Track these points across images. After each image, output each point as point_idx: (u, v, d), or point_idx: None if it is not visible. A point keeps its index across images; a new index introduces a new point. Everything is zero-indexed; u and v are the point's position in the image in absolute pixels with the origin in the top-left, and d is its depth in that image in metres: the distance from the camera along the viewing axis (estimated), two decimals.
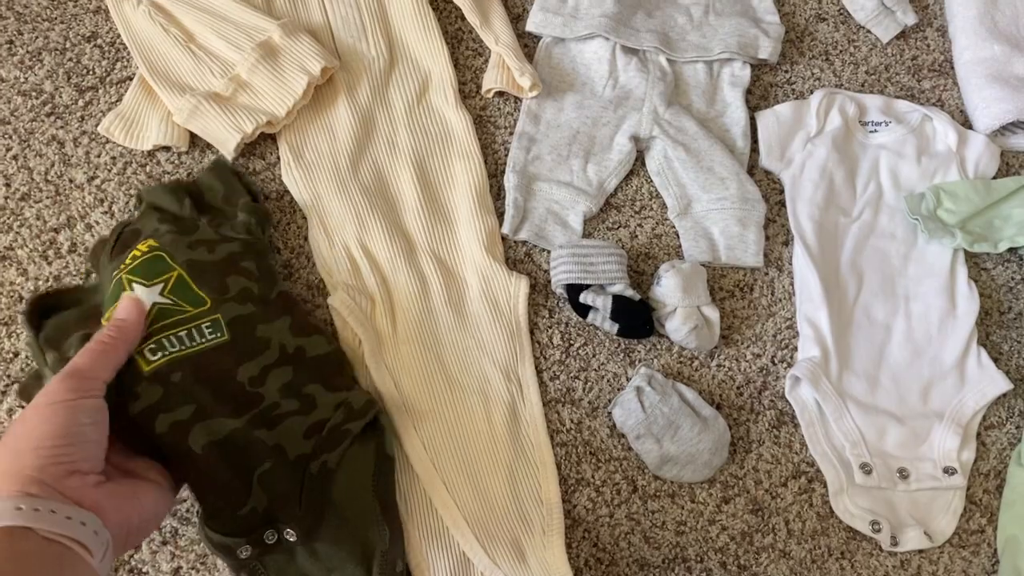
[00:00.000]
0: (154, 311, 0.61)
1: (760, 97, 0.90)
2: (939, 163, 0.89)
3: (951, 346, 0.82)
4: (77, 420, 0.50)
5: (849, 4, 0.95)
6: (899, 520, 0.77)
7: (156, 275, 0.63)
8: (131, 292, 0.61)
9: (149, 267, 0.64)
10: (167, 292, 0.62)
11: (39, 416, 0.50)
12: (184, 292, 0.63)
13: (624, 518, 0.75)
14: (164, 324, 0.61)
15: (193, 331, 0.62)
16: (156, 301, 0.62)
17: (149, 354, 0.60)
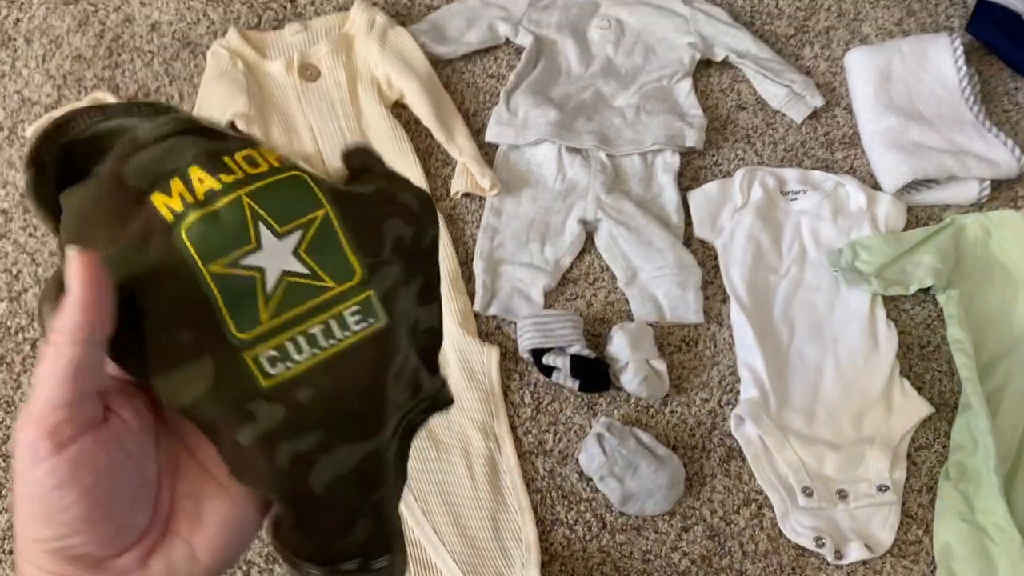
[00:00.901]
0: (280, 289, 0.35)
1: (692, 179, 1.05)
2: (853, 221, 1.01)
3: (876, 379, 0.93)
4: (60, 499, 0.29)
5: (763, 93, 1.10)
6: (842, 535, 0.86)
7: (292, 214, 0.35)
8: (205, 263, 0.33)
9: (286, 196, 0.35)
10: (303, 249, 0.35)
11: (18, 490, 0.30)
12: (328, 251, 0.36)
13: (596, 551, 0.85)
14: (294, 315, 0.35)
15: (332, 323, 0.36)
16: (285, 269, 0.35)
17: (268, 364, 0.34)
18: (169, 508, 0.34)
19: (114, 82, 1.06)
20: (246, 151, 0.35)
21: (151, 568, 0.32)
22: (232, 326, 0.33)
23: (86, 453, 0.29)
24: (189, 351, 0.32)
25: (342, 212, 0.35)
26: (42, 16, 1.10)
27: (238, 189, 0.33)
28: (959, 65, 1.08)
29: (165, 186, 0.33)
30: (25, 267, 0.95)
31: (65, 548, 0.30)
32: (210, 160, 0.33)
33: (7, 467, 0.86)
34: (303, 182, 0.35)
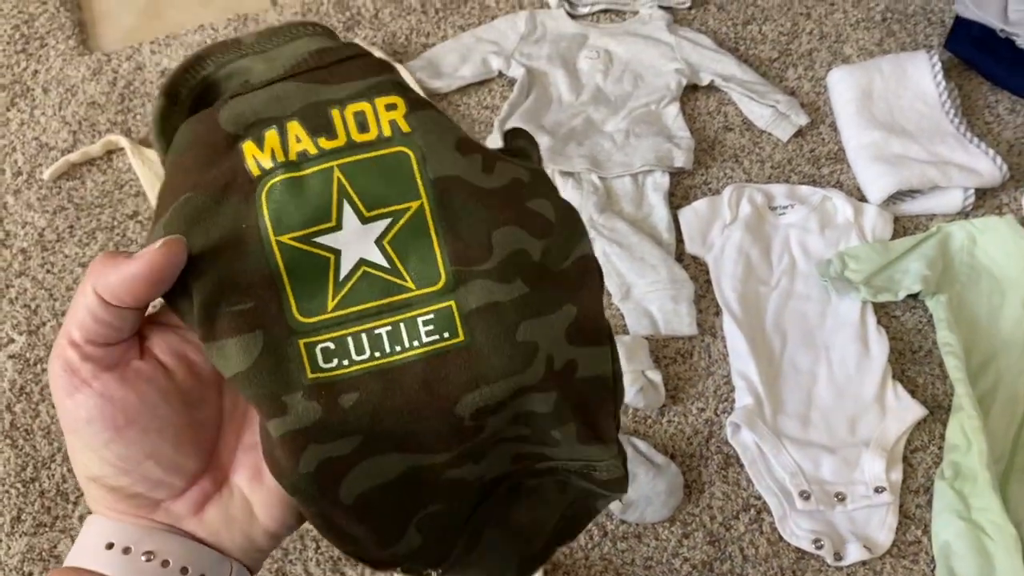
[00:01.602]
0: (355, 279, 0.31)
1: (682, 197, 1.08)
2: (840, 233, 1.04)
3: (869, 383, 0.95)
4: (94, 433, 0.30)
5: (749, 114, 1.14)
6: (840, 537, 0.87)
7: (384, 199, 0.31)
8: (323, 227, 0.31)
9: (382, 176, 0.31)
10: (388, 240, 0.31)
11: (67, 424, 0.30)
12: (415, 248, 0.31)
13: (598, 559, 0.86)
14: (361, 309, 0.31)
15: (402, 328, 0.31)
16: (366, 259, 0.31)
17: (321, 357, 0.31)
18: (231, 458, 0.33)
19: (126, 126, 1.11)
20: (360, 105, 0.31)
21: (206, 515, 0.32)
22: (294, 306, 0.30)
23: (112, 391, 0.29)
24: (241, 322, 0.30)
25: (443, 206, 0.31)
26: (59, 67, 1.16)
27: (333, 159, 0.30)
28: (938, 80, 1.12)
29: (259, 136, 0.30)
30: (43, 302, 0.99)
31: (118, 487, 0.31)
32: (314, 116, 0.30)
33: (26, 492, 0.89)
34: (406, 163, 0.31)
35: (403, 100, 0.31)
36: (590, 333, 0.33)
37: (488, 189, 0.31)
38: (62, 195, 1.07)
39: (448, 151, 0.31)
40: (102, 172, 1.08)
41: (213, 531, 0.32)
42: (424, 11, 1.22)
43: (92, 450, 0.30)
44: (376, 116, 0.30)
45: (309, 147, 0.30)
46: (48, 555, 0.86)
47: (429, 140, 0.31)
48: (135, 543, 0.31)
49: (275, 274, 0.30)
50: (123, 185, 1.07)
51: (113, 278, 0.29)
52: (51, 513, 0.88)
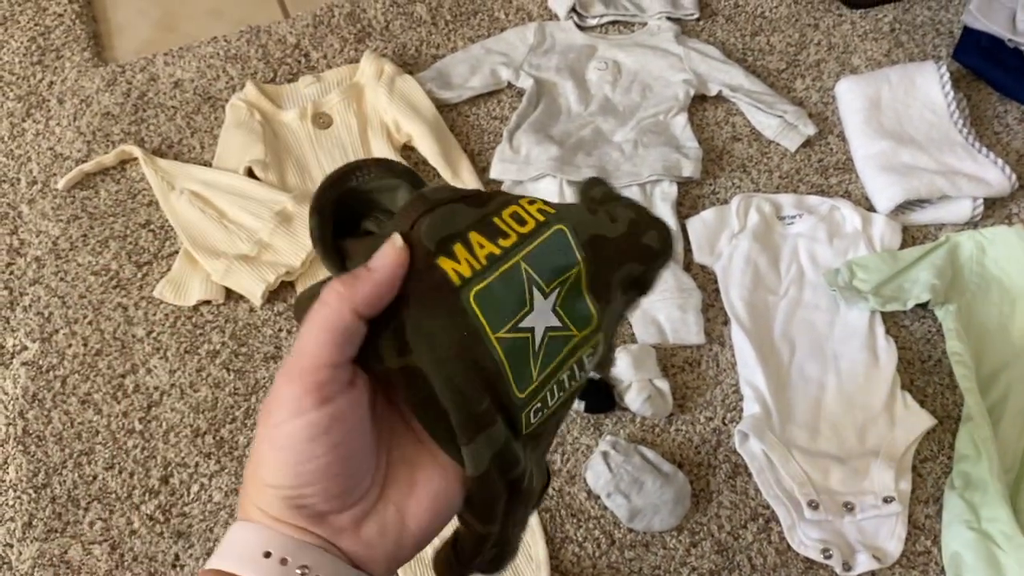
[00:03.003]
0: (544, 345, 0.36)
1: (690, 207, 1.08)
2: (849, 243, 1.04)
3: (878, 393, 0.95)
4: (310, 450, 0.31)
5: (757, 124, 1.14)
6: (849, 547, 0.87)
7: (556, 273, 0.37)
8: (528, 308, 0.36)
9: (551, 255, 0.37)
10: (559, 304, 0.37)
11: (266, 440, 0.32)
12: (574, 301, 0.37)
13: (606, 567, 0.86)
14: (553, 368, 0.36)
15: (576, 368, 0.38)
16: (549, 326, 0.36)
17: (533, 416, 0.37)
18: (385, 474, 0.35)
19: (139, 136, 1.13)
20: (511, 208, 0.37)
21: (364, 529, 0.34)
22: (515, 388, 0.35)
23: (342, 411, 0.32)
24: (487, 418, 0.34)
25: (592, 262, 0.38)
26: (74, 78, 1.18)
27: (515, 254, 0.36)
28: (946, 91, 1.12)
29: (450, 251, 0.34)
30: (56, 310, 1.00)
31: (298, 497, 0.32)
32: (484, 225, 0.36)
33: (37, 498, 0.90)
34: (565, 237, 0.37)
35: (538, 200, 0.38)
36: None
37: (615, 237, 0.39)
38: (76, 204, 1.08)
39: (584, 215, 0.38)
40: (115, 182, 1.10)
41: (368, 543, 0.34)
42: (434, 23, 1.23)
43: (293, 464, 0.32)
44: (527, 211, 0.37)
45: (493, 249, 0.35)
46: (59, 560, 0.86)
47: (570, 213, 0.38)
48: (292, 555, 0.32)
49: (500, 366, 0.34)
50: (136, 195, 1.08)
51: (366, 289, 0.32)
52: (62, 519, 0.88)
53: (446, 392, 0.33)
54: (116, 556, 0.87)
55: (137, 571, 0.86)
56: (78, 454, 0.92)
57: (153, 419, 0.94)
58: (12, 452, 0.92)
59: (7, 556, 0.87)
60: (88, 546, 0.87)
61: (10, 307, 1.01)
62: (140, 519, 0.89)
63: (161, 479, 0.91)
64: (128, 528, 0.88)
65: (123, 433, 0.93)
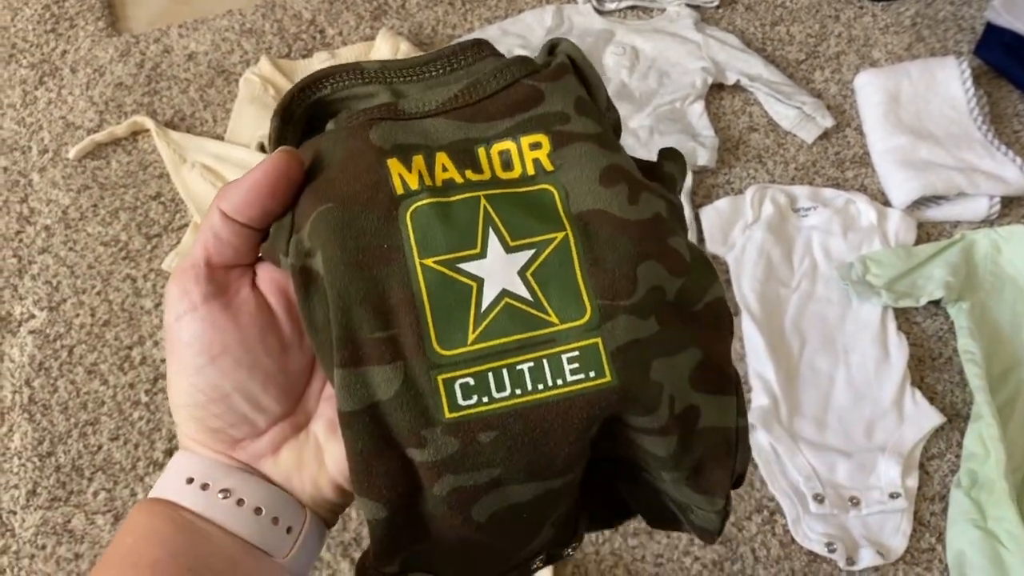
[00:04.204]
0: (496, 313, 0.30)
1: (704, 196, 1.07)
2: (863, 237, 1.03)
3: (888, 389, 0.94)
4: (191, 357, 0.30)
5: (774, 115, 1.13)
6: (853, 542, 0.87)
7: (528, 230, 0.30)
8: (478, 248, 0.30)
9: (525, 210, 0.31)
10: (531, 271, 0.30)
11: (166, 349, 0.32)
12: (558, 280, 0.30)
13: (608, 554, 0.86)
14: (503, 343, 0.29)
15: (545, 365, 0.30)
16: (508, 291, 0.30)
17: (460, 394, 0.29)
18: (315, 406, 0.33)
19: (152, 108, 1.12)
20: (505, 143, 0.31)
21: (281, 456, 0.32)
22: (434, 336, 0.29)
23: (213, 317, 0.30)
24: (381, 351, 0.28)
25: (588, 238, 0.30)
26: (87, 48, 1.17)
27: (478, 190, 0.30)
28: (967, 87, 1.11)
29: (407, 157, 0.30)
30: (64, 279, 1.00)
31: (201, 417, 0.31)
32: (461, 151, 0.31)
33: (42, 466, 0.90)
34: (550, 200, 0.30)
35: (548, 137, 0.31)
36: (715, 380, 0.31)
37: (633, 221, 0.30)
38: (87, 174, 1.07)
39: (592, 184, 0.30)
40: (127, 153, 1.09)
41: (285, 473, 0.32)
42: (451, 2, 1.22)
43: (185, 376, 0.31)
44: (520, 154, 0.31)
45: (456, 176, 0.30)
46: (62, 529, 0.86)
47: (571, 176, 0.30)
48: (213, 480, 0.31)
49: (417, 299, 0.28)
50: (147, 166, 1.08)
51: (235, 192, 0.30)
52: (66, 488, 0.88)
53: (332, 297, 0.28)
54: (119, 526, 0.86)
55: None
56: (83, 424, 0.92)
57: (159, 391, 0.94)
58: (18, 420, 0.92)
59: (10, 523, 0.87)
60: (91, 516, 0.87)
61: (18, 275, 1.01)
62: (144, 490, 0.89)
63: (166, 452, 0.91)
64: (132, 499, 0.88)
65: (129, 405, 0.93)
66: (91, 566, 0.84)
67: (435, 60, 0.33)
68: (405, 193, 0.29)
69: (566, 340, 0.29)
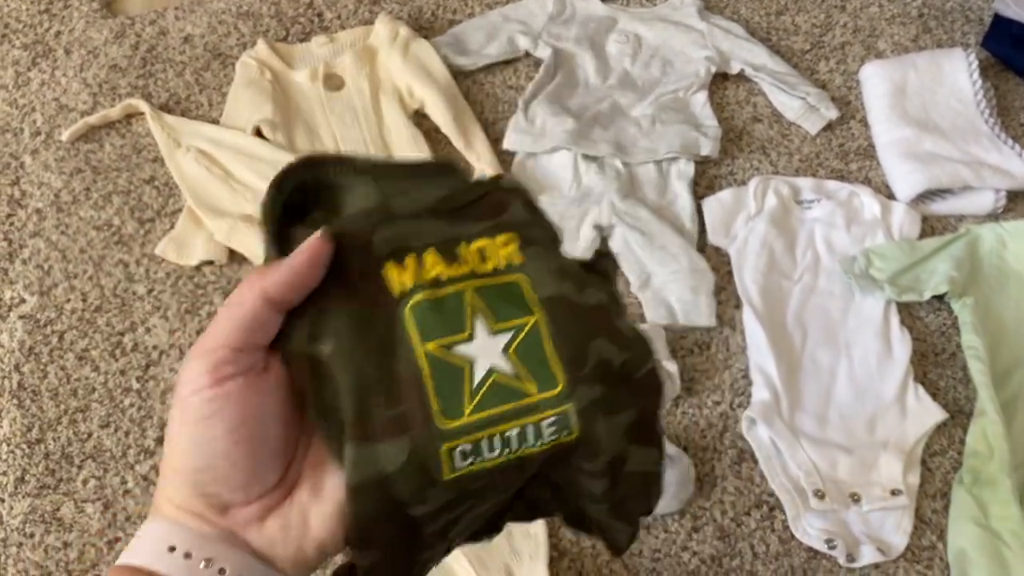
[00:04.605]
0: (486, 388, 0.35)
1: (707, 187, 1.06)
2: (867, 230, 1.02)
3: (890, 384, 0.93)
4: (208, 429, 0.32)
5: (778, 105, 1.11)
6: (854, 538, 0.85)
7: (507, 316, 0.37)
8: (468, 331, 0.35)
9: (503, 299, 0.37)
10: (512, 351, 0.36)
11: (174, 417, 0.33)
12: (534, 357, 0.36)
13: (604, 549, 0.85)
14: (493, 414, 0.35)
15: (529, 430, 0.36)
16: (495, 367, 0.36)
17: (459, 458, 0.35)
18: (298, 473, 0.35)
19: (147, 91, 1.10)
20: (482, 242, 0.37)
21: (267, 525, 0.34)
22: (438, 411, 0.34)
23: (239, 392, 0.32)
24: (392, 427, 0.33)
25: (554, 321, 0.36)
26: (81, 29, 1.15)
27: (463, 283, 0.36)
28: (974, 79, 1.09)
29: (401, 260, 0.35)
30: (56, 263, 0.99)
31: (202, 483, 0.32)
32: (445, 248, 0.36)
33: (31, 453, 0.88)
34: (520, 288, 0.37)
35: (517, 236, 0.37)
36: (645, 434, 0.37)
37: (585, 305, 0.37)
38: (79, 157, 1.06)
39: (552, 276, 0.37)
40: (121, 136, 1.07)
41: (269, 539, 0.34)
42: None
43: (196, 444, 0.32)
44: (496, 250, 0.37)
45: (443, 272, 0.35)
46: (51, 517, 0.85)
47: (535, 268, 0.37)
48: (195, 549, 0.32)
49: (422, 379, 0.34)
50: (141, 150, 1.06)
51: (279, 277, 0.32)
52: (55, 476, 0.87)
53: (346, 381, 0.33)
54: (109, 515, 0.85)
55: (130, 531, 0.84)
56: (73, 411, 0.90)
57: (151, 379, 0.92)
58: (6, 406, 0.91)
59: None
60: (80, 504, 0.86)
61: (9, 259, 0.99)
62: (135, 479, 0.87)
63: (157, 439, 0.89)
64: (122, 487, 0.87)
65: (120, 391, 0.92)
66: (80, 555, 0.83)
67: (416, 167, 0.39)
68: (403, 292, 0.35)
69: (545, 408, 0.35)
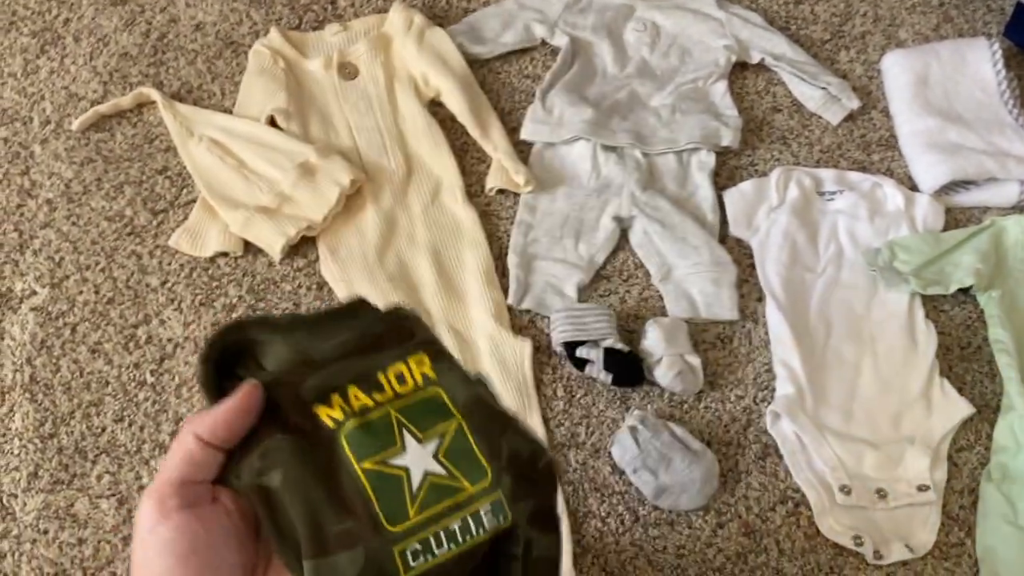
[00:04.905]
0: (424, 489, 0.41)
1: (727, 178, 1.04)
2: (890, 222, 1.01)
3: (916, 378, 0.91)
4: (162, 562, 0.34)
5: (799, 96, 1.10)
6: (881, 536, 0.84)
7: (431, 425, 0.42)
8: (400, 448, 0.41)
9: (425, 412, 0.43)
10: (442, 454, 0.42)
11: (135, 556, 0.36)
12: (462, 455, 0.42)
13: (629, 545, 0.84)
14: (435, 512, 0.40)
15: (470, 520, 0.41)
16: (429, 470, 0.41)
17: (411, 557, 0.39)
18: None
19: (158, 79, 1.09)
20: (397, 366, 0.42)
21: None
22: (384, 519, 0.38)
23: (187, 525, 0.35)
24: (345, 539, 0.37)
25: (472, 422, 0.42)
26: (91, 16, 1.13)
27: (388, 406, 0.41)
28: (998, 69, 1.08)
29: (327, 400, 0.40)
30: (67, 255, 0.97)
31: None
32: (365, 380, 0.42)
33: (44, 448, 0.87)
34: (440, 398, 0.43)
35: (427, 355, 0.43)
36: (547, 521, 0.42)
37: (495, 408, 0.43)
38: (90, 147, 1.04)
39: (463, 383, 0.43)
40: (132, 125, 1.06)
41: None
42: None
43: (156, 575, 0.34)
44: (410, 371, 0.42)
45: (367, 401, 0.40)
46: (65, 513, 0.83)
47: (449, 380, 0.42)
48: None
49: (364, 494, 0.38)
50: (153, 139, 1.05)
51: (210, 419, 0.36)
52: (68, 471, 0.86)
53: (297, 505, 0.37)
54: (124, 511, 0.84)
55: None
56: (87, 405, 0.89)
57: (165, 372, 0.91)
58: (19, 400, 0.89)
59: (11, 506, 0.84)
60: (95, 500, 0.84)
61: (19, 250, 0.98)
62: (149, 474, 0.86)
63: (172, 434, 0.88)
64: (137, 483, 0.85)
65: (134, 385, 0.90)
66: (95, 552, 0.82)
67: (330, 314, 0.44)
68: (336, 426, 0.39)
69: (480, 499, 0.40)
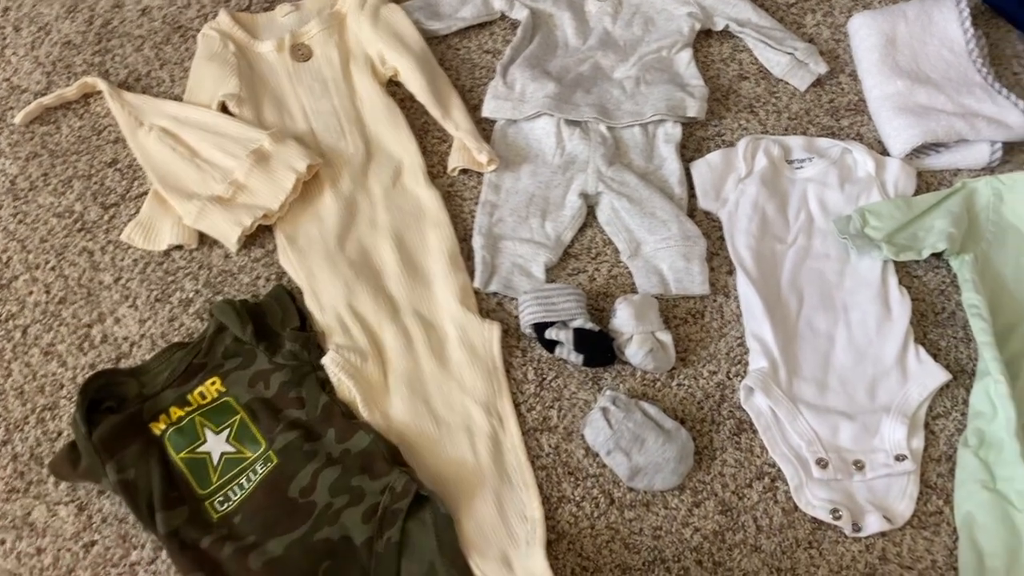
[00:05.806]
0: (221, 463, 0.79)
1: (695, 150, 1.02)
2: (861, 188, 0.99)
3: (890, 346, 0.90)
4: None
5: (765, 62, 1.08)
6: (859, 507, 0.83)
7: (223, 421, 0.82)
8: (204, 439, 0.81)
9: (219, 413, 0.82)
10: (232, 438, 0.81)
11: None
12: (245, 436, 0.81)
13: (604, 528, 0.82)
14: (230, 476, 0.79)
15: (250, 474, 0.79)
16: (224, 451, 0.80)
17: (218, 505, 0.78)
18: None
19: (104, 68, 1.05)
20: (200, 388, 0.84)
21: None
22: (196, 487, 0.79)
23: None
24: (176, 501, 0.77)
25: (252, 413, 0.82)
26: (31, 4, 1.09)
27: (193, 414, 0.82)
28: (965, 27, 1.06)
29: (157, 418, 0.82)
30: (15, 254, 0.94)
31: None
32: (179, 400, 0.83)
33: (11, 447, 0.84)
34: (230, 403, 0.83)
35: (219, 378, 0.84)
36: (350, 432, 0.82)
37: (269, 397, 0.84)
38: (35, 141, 1.00)
39: (246, 389, 0.84)
40: (78, 117, 1.02)
41: None
42: None
43: None
44: (209, 389, 0.83)
45: (181, 413, 0.82)
46: (22, 522, 0.81)
47: (236, 390, 0.84)
48: None
49: (184, 475, 0.79)
50: (101, 131, 1.01)
51: None
52: (24, 478, 0.83)
53: (144, 489, 0.76)
54: (84, 517, 0.81)
55: (106, 533, 0.80)
56: (41, 409, 0.86)
57: None
58: None
59: None
60: (53, 507, 0.82)
61: None
62: None
63: None
64: (95, 488, 0.83)
65: None
66: (55, 561, 0.79)
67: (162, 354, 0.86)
68: (161, 433, 0.81)
69: (257, 460, 0.80)
